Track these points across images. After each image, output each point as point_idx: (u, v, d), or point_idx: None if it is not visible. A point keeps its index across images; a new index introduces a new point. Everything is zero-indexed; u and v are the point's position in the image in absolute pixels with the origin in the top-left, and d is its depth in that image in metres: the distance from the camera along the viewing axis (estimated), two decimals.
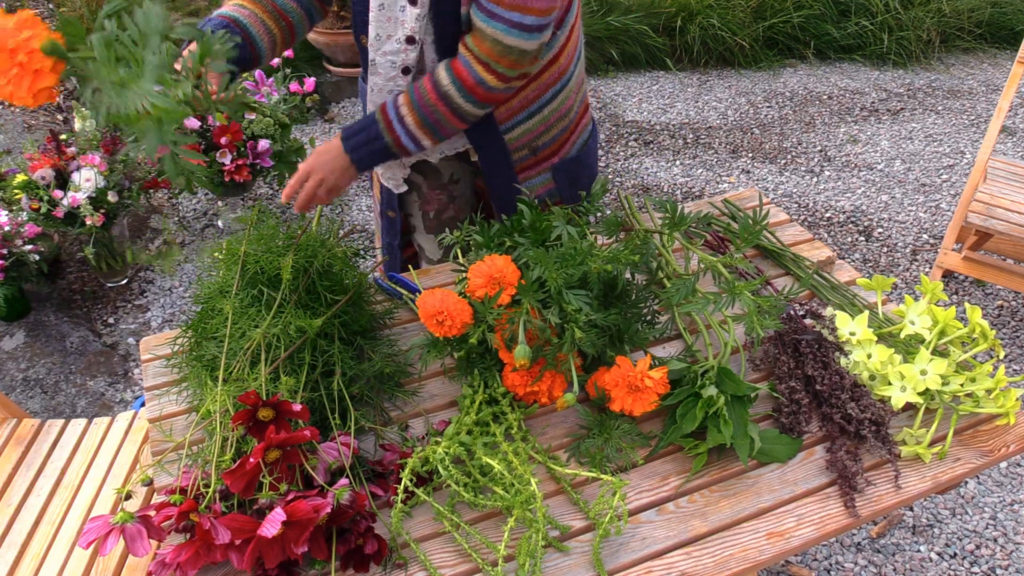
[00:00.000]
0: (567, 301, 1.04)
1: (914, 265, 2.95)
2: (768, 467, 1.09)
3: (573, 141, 1.49)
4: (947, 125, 3.84)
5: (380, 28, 1.28)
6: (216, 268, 1.20)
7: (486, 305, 1.06)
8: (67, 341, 2.49)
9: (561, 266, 1.07)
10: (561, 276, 1.05)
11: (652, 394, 1.05)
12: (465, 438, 1.04)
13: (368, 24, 1.28)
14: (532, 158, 1.44)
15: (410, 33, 1.26)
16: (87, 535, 0.89)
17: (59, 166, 2.39)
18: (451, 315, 1.06)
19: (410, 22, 1.25)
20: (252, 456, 0.90)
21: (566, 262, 1.07)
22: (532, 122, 1.39)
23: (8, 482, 1.47)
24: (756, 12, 4.32)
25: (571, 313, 1.05)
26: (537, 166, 1.46)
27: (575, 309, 1.04)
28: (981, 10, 4.51)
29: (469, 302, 1.08)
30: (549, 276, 1.05)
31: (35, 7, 3.93)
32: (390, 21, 1.27)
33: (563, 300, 1.05)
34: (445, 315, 1.06)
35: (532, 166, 1.45)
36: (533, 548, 0.94)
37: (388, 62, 1.30)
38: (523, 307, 1.07)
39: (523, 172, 1.45)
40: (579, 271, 1.06)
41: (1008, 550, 1.98)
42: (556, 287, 1.05)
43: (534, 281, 1.06)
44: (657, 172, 3.46)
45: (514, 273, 1.07)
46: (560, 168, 1.48)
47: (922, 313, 1.19)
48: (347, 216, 3.16)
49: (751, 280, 1.38)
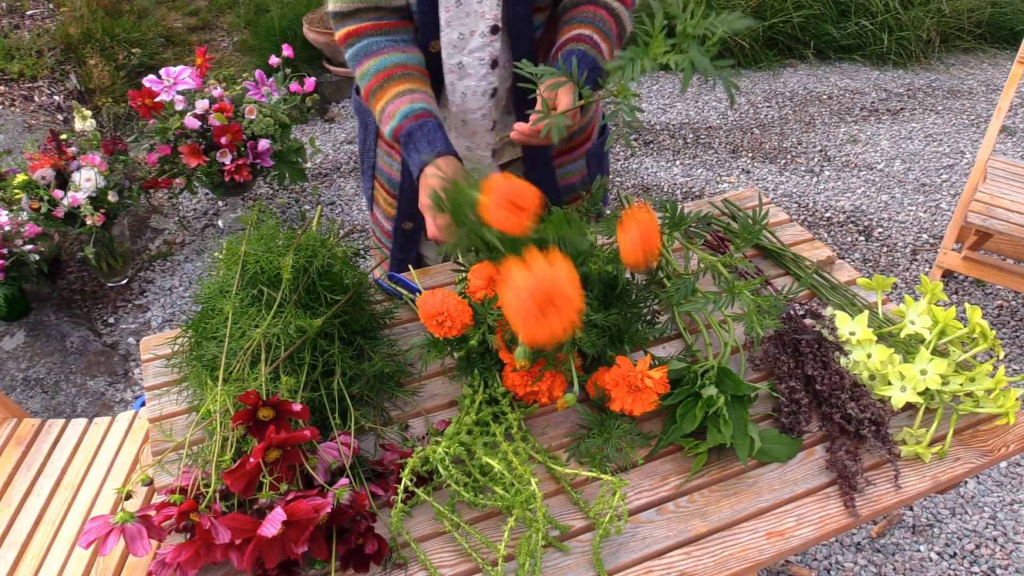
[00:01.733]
0: None
1: (914, 265, 2.95)
2: (768, 467, 1.09)
3: (596, 125, 1.49)
4: (947, 125, 3.84)
5: (461, 26, 1.24)
6: (216, 268, 1.20)
7: (486, 307, 1.06)
8: (67, 341, 2.49)
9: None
10: None
11: (652, 394, 1.06)
12: (465, 438, 1.04)
13: (441, 28, 1.24)
14: (568, 143, 1.43)
15: (493, 22, 1.23)
16: (87, 535, 0.89)
17: (59, 166, 2.40)
18: (451, 316, 1.06)
19: (491, 10, 1.22)
20: (252, 456, 0.90)
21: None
22: None
23: (8, 482, 1.47)
24: (756, 12, 4.32)
25: None
26: (572, 152, 1.45)
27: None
28: (981, 10, 4.52)
29: (469, 303, 1.08)
30: None
31: (35, 7, 3.93)
32: (469, 16, 1.23)
33: None
34: (445, 316, 1.06)
35: (568, 151, 1.44)
36: (533, 548, 0.94)
37: (477, 60, 1.26)
38: None
39: (559, 158, 1.44)
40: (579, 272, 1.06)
41: (1008, 550, 1.98)
42: None
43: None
44: (657, 172, 3.46)
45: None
46: (592, 153, 1.48)
47: (922, 313, 1.20)
48: (347, 216, 3.16)
49: (751, 280, 1.38)
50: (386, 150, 1.46)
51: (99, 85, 3.54)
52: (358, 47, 1.27)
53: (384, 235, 1.58)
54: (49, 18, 3.88)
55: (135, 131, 3.35)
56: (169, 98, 2.57)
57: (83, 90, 3.58)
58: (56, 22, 3.82)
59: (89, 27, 3.71)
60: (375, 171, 1.52)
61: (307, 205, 3.21)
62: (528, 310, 0.88)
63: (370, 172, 1.54)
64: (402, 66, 1.25)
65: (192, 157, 2.56)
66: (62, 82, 3.57)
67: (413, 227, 1.52)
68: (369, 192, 1.57)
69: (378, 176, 1.52)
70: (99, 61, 3.58)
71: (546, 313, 0.89)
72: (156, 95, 2.57)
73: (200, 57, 2.71)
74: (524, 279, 0.88)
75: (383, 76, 1.24)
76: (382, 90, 1.25)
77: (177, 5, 4.23)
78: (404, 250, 1.56)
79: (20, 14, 3.86)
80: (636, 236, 0.98)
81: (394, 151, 1.44)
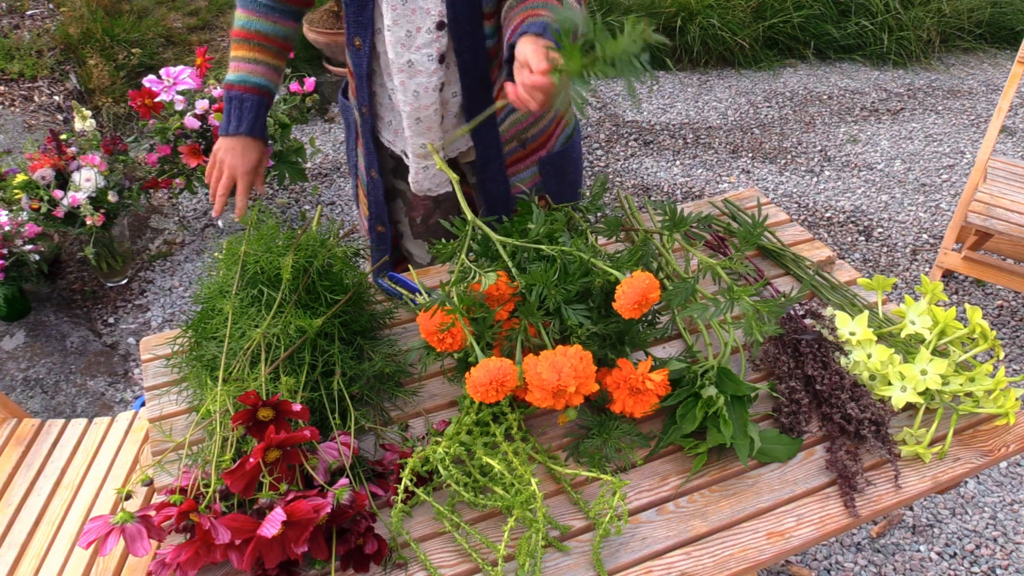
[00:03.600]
0: (567, 316, 1.05)
1: (914, 265, 2.95)
2: (768, 467, 1.09)
3: (557, 135, 1.50)
4: (947, 125, 3.84)
5: (408, 24, 1.25)
6: (216, 268, 1.20)
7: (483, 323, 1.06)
8: (67, 341, 2.49)
9: (560, 281, 1.07)
10: (560, 293, 1.05)
11: (653, 396, 1.06)
12: (465, 438, 1.04)
13: (387, 27, 1.25)
14: (521, 151, 1.44)
15: (439, 18, 1.23)
16: (87, 535, 0.89)
17: (59, 166, 2.40)
18: (451, 332, 1.06)
19: (435, 7, 1.23)
20: (252, 456, 0.90)
21: (565, 278, 1.07)
22: (519, 113, 1.39)
23: (8, 482, 1.47)
24: (756, 12, 4.32)
25: (572, 327, 1.06)
26: (526, 159, 1.46)
27: (576, 324, 1.05)
28: (981, 10, 4.51)
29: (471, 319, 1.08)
30: (548, 294, 1.05)
31: (35, 7, 3.93)
32: (415, 13, 1.24)
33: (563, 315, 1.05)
34: (447, 334, 1.06)
35: (521, 159, 1.45)
36: (533, 548, 0.94)
37: (425, 56, 1.27)
38: (521, 326, 1.07)
39: (512, 166, 1.45)
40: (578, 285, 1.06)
41: (1008, 550, 1.98)
42: (555, 304, 1.06)
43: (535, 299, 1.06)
44: (657, 172, 3.46)
45: (506, 292, 1.08)
46: (547, 162, 1.48)
47: (922, 313, 1.19)
48: (347, 216, 3.16)
49: (751, 281, 1.38)
50: (363, 151, 1.47)
51: (99, 85, 3.53)
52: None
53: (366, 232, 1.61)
54: (49, 18, 3.88)
55: (135, 131, 3.35)
56: (169, 98, 2.57)
57: (83, 90, 3.58)
58: (56, 22, 3.82)
59: (89, 27, 3.71)
60: (356, 171, 1.55)
61: (307, 205, 3.21)
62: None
63: (353, 172, 1.58)
64: (263, 36, 1.40)
65: (192, 157, 2.56)
66: (62, 82, 3.57)
67: (384, 231, 1.54)
68: (354, 191, 1.61)
69: (359, 176, 1.54)
70: (99, 61, 3.58)
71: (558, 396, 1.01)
72: (156, 95, 2.57)
73: (200, 57, 2.71)
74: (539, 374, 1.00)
75: (244, 35, 1.40)
76: (238, 46, 1.41)
77: (177, 5, 4.23)
78: (381, 250, 1.58)
79: (20, 14, 3.86)
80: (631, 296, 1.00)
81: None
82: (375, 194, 1.49)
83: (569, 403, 1.02)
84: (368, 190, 1.50)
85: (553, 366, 0.98)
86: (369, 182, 1.48)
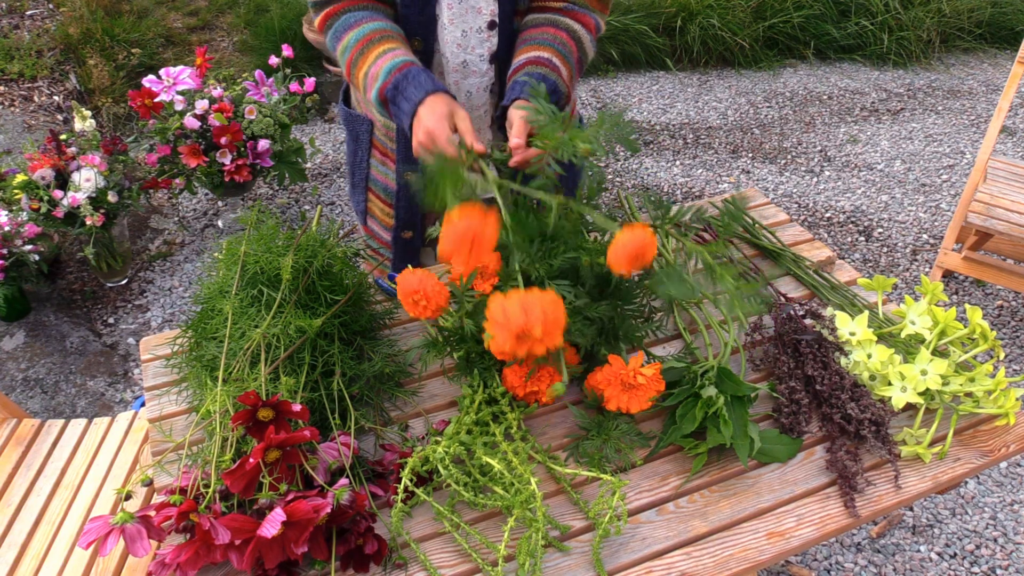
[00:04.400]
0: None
1: (914, 265, 2.95)
2: (768, 467, 1.09)
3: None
4: (947, 125, 3.84)
5: (463, 24, 1.24)
6: (216, 268, 1.20)
7: (462, 288, 1.04)
8: (67, 341, 2.49)
9: (545, 256, 1.05)
10: (544, 267, 1.03)
11: (646, 391, 1.05)
12: (465, 438, 1.04)
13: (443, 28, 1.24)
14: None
15: (491, 17, 1.24)
16: (87, 535, 0.89)
17: (59, 166, 2.40)
18: (427, 296, 1.04)
19: (488, 6, 1.23)
20: (252, 456, 0.90)
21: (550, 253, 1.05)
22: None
23: (8, 482, 1.47)
24: (756, 12, 4.32)
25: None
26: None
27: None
28: (981, 10, 4.52)
29: (450, 289, 1.07)
30: (531, 268, 1.03)
31: (35, 7, 3.93)
32: (469, 13, 1.23)
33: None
34: (422, 295, 1.04)
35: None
36: (533, 548, 0.94)
37: (478, 57, 1.27)
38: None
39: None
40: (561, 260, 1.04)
41: (1008, 550, 1.98)
42: (538, 276, 1.04)
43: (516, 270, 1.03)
44: (657, 172, 3.46)
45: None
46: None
47: (922, 313, 1.19)
48: (347, 216, 3.16)
49: (750, 279, 1.38)
50: (380, 159, 1.46)
51: (99, 85, 3.53)
52: (336, 25, 1.25)
53: (382, 246, 1.58)
54: (49, 18, 3.88)
55: (135, 131, 3.35)
56: (169, 98, 2.57)
57: (83, 90, 3.58)
58: (56, 22, 3.82)
59: (89, 27, 3.71)
60: (368, 182, 1.51)
61: (307, 205, 3.21)
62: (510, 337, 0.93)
63: (363, 185, 1.53)
64: (381, 31, 1.21)
65: (192, 157, 2.56)
66: (62, 82, 3.57)
67: (413, 235, 1.52)
68: (362, 206, 1.55)
69: (372, 187, 1.51)
70: (99, 61, 3.58)
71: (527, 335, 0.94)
72: (156, 95, 2.57)
73: (200, 57, 2.71)
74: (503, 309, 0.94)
75: (363, 43, 1.20)
76: (363, 56, 1.20)
77: (177, 5, 4.23)
78: (404, 260, 1.55)
79: (20, 14, 3.86)
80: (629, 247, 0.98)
81: (388, 159, 1.44)
82: (407, 198, 1.45)
83: (532, 351, 0.94)
84: (400, 195, 1.45)
85: (523, 304, 0.93)
86: (401, 187, 1.44)
